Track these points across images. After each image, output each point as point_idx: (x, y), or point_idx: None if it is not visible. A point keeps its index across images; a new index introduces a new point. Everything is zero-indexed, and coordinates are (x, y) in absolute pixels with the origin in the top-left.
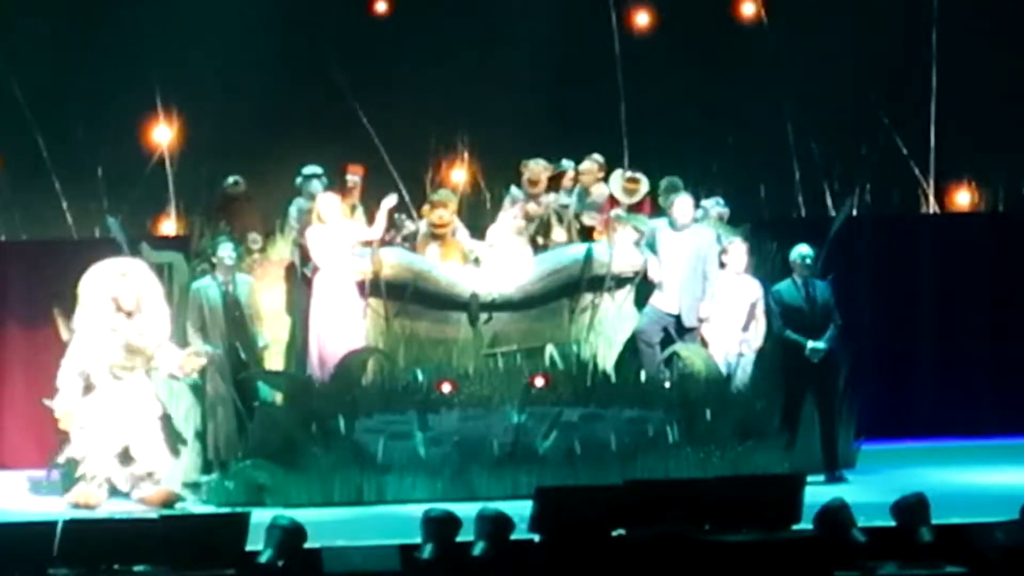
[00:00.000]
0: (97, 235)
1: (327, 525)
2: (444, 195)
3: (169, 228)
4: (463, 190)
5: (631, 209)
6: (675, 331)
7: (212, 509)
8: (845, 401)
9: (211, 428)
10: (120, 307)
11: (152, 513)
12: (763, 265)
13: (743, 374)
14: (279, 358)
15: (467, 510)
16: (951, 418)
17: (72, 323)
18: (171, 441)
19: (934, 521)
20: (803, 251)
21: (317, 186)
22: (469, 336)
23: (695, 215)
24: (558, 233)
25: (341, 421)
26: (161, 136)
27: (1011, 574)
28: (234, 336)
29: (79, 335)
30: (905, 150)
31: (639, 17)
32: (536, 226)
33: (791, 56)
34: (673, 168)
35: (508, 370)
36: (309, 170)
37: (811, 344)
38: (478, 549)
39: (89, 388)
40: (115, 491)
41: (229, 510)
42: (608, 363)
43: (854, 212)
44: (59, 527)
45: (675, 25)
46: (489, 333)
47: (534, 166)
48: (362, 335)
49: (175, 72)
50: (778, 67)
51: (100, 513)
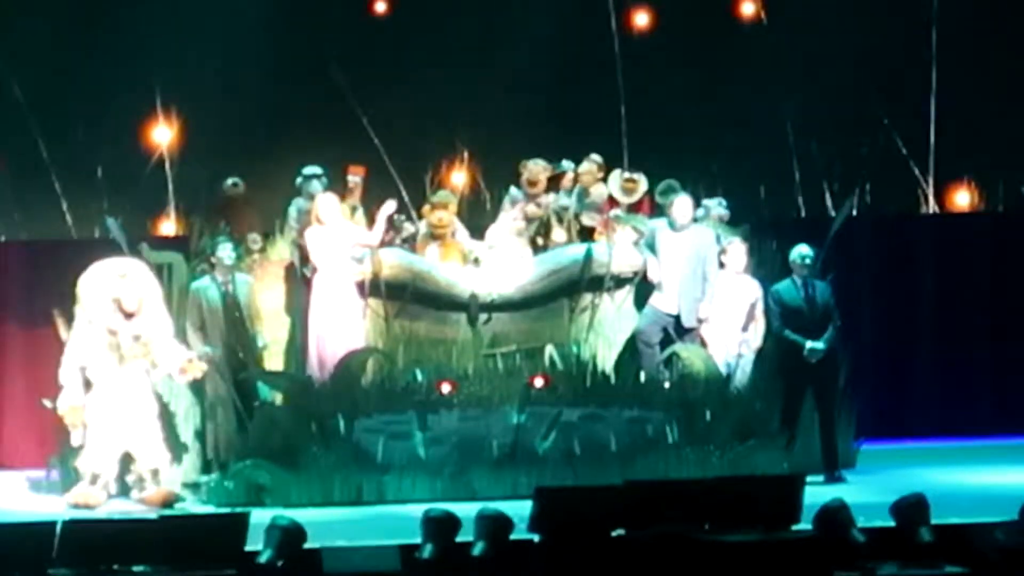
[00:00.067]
0: (97, 235)
1: (327, 525)
2: (444, 196)
3: (169, 228)
4: (463, 191)
5: (630, 209)
6: (674, 331)
7: (212, 509)
8: (845, 401)
9: (211, 428)
10: (121, 308)
11: (152, 513)
12: (763, 265)
13: (742, 374)
14: (278, 358)
15: (467, 510)
16: (951, 418)
17: (71, 322)
18: (170, 439)
19: (934, 521)
20: (803, 251)
21: (317, 186)
22: (469, 336)
23: (696, 214)
24: (558, 234)
25: (341, 421)
26: (161, 136)
27: (1011, 574)
28: (234, 336)
29: (77, 333)
30: (905, 150)
31: (639, 17)
32: (536, 227)
33: (791, 56)
34: (673, 168)
35: (508, 370)
36: (309, 170)
37: (810, 344)
38: (478, 549)
39: (88, 386)
40: (115, 490)
41: (229, 510)
42: (608, 363)
43: (854, 212)
44: (59, 527)
45: (675, 25)
46: (489, 333)
47: (533, 167)
48: (361, 335)
49: (175, 72)
50: (778, 67)
51: (100, 513)
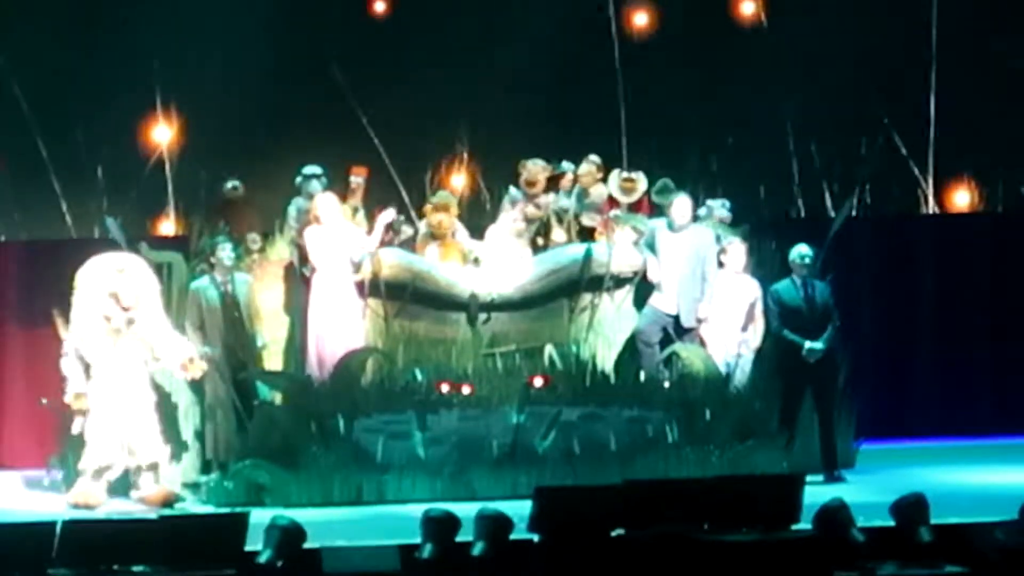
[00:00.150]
0: (97, 235)
1: (326, 525)
2: (444, 198)
3: (168, 228)
4: (463, 191)
5: (630, 208)
6: (674, 331)
7: (211, 509)
8: (844, 401)
9: (210, 428)
10: (119, 303)
11: (151, 513)
12: (762, 265)
13: (742, 374)
14: (278, 358)
15: (466, 510)
16: (951, 418)
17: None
18: (170, 438)
19: (933, 521)
20: (802, 251)
21: (317, 186)
22: (468, 336)
23: (699, 214)
24: (558, 234)
25: (340, 421)
26: (161, 136)
27: (1011, 574)
28: (233, 336)
29: (75, 324)
30: (905, 150)
31: (639, 17)
32: (536, 227)
33: (791, 56)
34: (673, 168)
35: (507, 370)
36: (309, 170)
37: (809, 344)
38: (477, 549)
39: (87, 372)
40: (115, 489)
41: (228, 510)
42: (607, 363)
43: (854, 212)
44: (59, 527)
45: (675, 25)
46: (488, 333)
47: (532, 167)
48: (360, 335)
49: (175, 72)
50: (778, 67)
51: (100, 513)
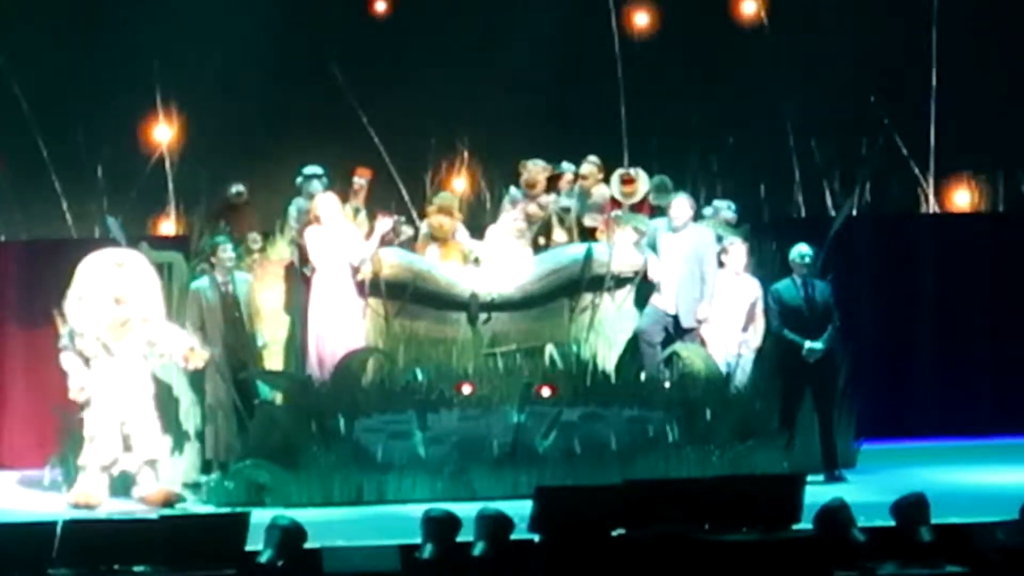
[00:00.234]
0: (97, 235)
1: (327, 525)
2: (446, 199)
3: (168, 228)
4: (463, 191)
5: (632, 209)
6: (674, 331)
7: (212, 509)
8: (845, 401)
9: (211, 428)
10: (115, 296)
11: (152, 513)
12: (763, 265)
13: (743, 374)
14: (278, 358)
15: (467, 510)
16: (951, 418)
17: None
18: (169, 432)
19: (934, 521)
20: (802, 250)
21: (317, 186)
22: (469, 336)
23: (704, 214)
24: (559, 234)
25: (341, 421)
26: (161, 136)
27: (1011, 574)
28: (233, 336)
29: (71, 316)
30: (905, 150)
31: (639, 17)
32: (538, 227)
33: (791, 56)
34: (673, 168)
35: (508, 370)
36: (310, 170)
37: (808, 344)
38: (478, 549)
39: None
40: (115, 489)
41: (229, 510)
42: (608, 363)
43: (854, 212)
44: (59, 527)
45: (675, 25)
46: (489, 333)
47: (532, 168)
48: (360, 335)
49: (175, 72)
50: (778, 67)
51: (100, 513)
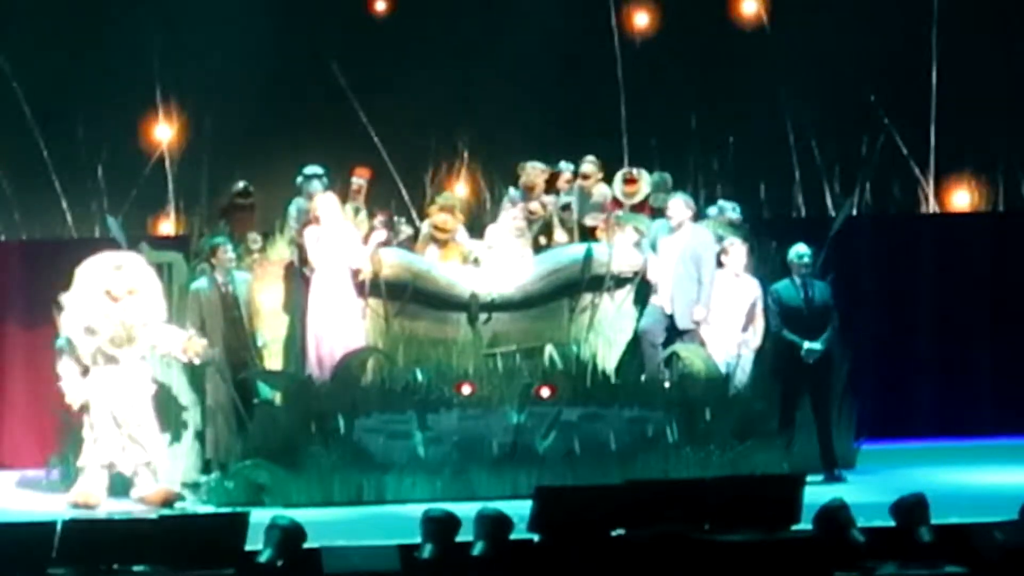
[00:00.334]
0: (97, 235)
1: (327, 525)
2: (449, 199)
3: (168, 228)
4: (463, 193)
5: (633, 209)
6: (675, 331)
7: (212, 509)
8: (845, 401)
9: (211, 428)
10: (112, 297)
11: (152, 513)
12: (763, 265)
13: (742, 374)
14: (278, 357)
15: (467, 510)
16: (951, 418)
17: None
18: (169, 432)
19: (933, 521)
20: (800, 250)
21: (317, 186)
22: (469, 336)
23: (709, 214)
24: (560, 235)
25: (341, 421)
26: (161, 136)
27: (1011, 574)
28: (233, 335)
29: (69, 319)
30: (905, 149)
31: (639, 17)
32: (539, 227)
33: (791, 56)
34: (673, 168)
35: (508, 370)
36: (310, 170)
37: (807, 345)
38: (478, 549)
39: (85, 372)
40: (114, 489)
41: (229, 510)
42: (608, 363)
43: (854, 212)
44: (59, 527)
45: (675, 25)
46: (488, 333)
47: (531, 170)
48: (358, 334)
49: (175, 72)
50: (778, 67)
51: (100, 513)
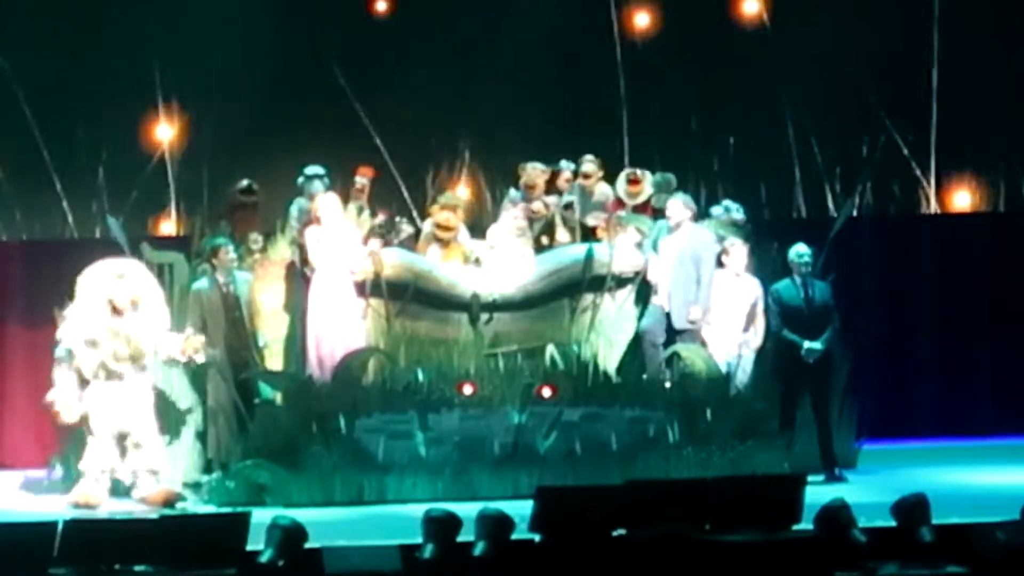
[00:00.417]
0: (98, 235)
1: (328, 525)
2: (452, 199)
3: (169, 228)
4: (465, 196)
5: (635, 210)
6: (676, 331)
7: (213, 509)
8: (846, 401)
9: (212, 428)
10: (115, 308)
11: (153, 513)
12: (764, 265)
13: (743, 374)
14: (279, 358)
15: (468, 510)
16: (951, 418)
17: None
18: (171, 439)
19: (935, 521)
20: (800, 250)
21: (318, 186)
22: (470, 336)
23: (713, 213)
24: (562, 234)
25: (342, 421)
26: (161, 136)
27: (1012, 574)
28: (234, 336)
29: (71, 331)
30: (906, 150)
31: (640, 18)
32: (541, 227)
33: (791, 56)
34: (674, 168)
35: (509, 370)
36: (311, 170)
37: (807, 345)
38: (479, 549)
39: (84, 383)
40: (116, 490)
41: (230, 510)
42: (609, 363)
43: (855, 212)
44: (60, 527)
45: (676, 25)
46: (490, 333)
47: (531, 171)
48: (358, 335)
49: (176, 72)
50: (779, 67)
51: (101, 513)
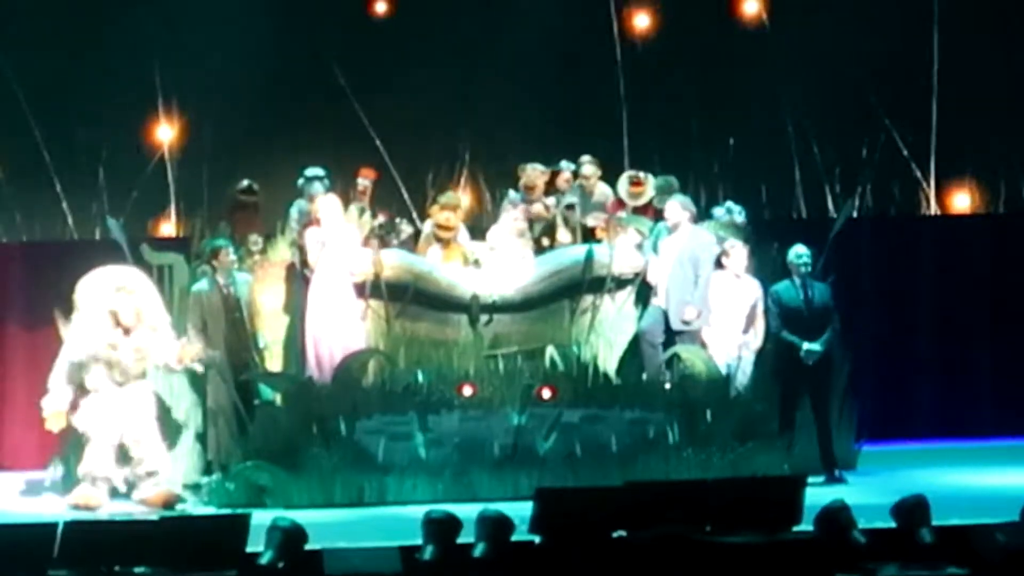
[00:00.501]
0: (98, 236)
1: (328, 526)
2: (452, 199)
3: (169, 229)
4: (465, 192)
5: (636, 211)
6: (675, 332)
7: (213, 510)
8: (846, 402)
9: (212, 429)
10: (119, 322)
11: (153, 514)
12: (764, 266)
13: (743, 376)
14: (279, 359)
15: (468, 511)
16: (951, 419)
17: (68, 328)
18: (171, 441)
19: (934, 522)
20: (799, 251)
21: (318, 188)
22: (470, 337)
23: (715, 214)
24: (563, 235)
25: (342, 422)
26: (161, 137)
27: None
28: (234, 337)
29: (73, 342)
30: (906, 151)
31: (639, 18)
32: (542, 228)
33: (791, 56)
34: (674, 169)
35: (509, 371)
36: (311, 172)
37: (806, 346)
38: (479, 550)
39: (82, 390)
40: (116, 492)
41: (230, 511)
42: (609, 364)
43: (855, 213)
44: (59, 528)
45: (676, 26)
46: (490, 334)
47: (531, 172)
48: (357, 336)
49: (175, 73)
50: (779, 68)
51: (101, 514)
